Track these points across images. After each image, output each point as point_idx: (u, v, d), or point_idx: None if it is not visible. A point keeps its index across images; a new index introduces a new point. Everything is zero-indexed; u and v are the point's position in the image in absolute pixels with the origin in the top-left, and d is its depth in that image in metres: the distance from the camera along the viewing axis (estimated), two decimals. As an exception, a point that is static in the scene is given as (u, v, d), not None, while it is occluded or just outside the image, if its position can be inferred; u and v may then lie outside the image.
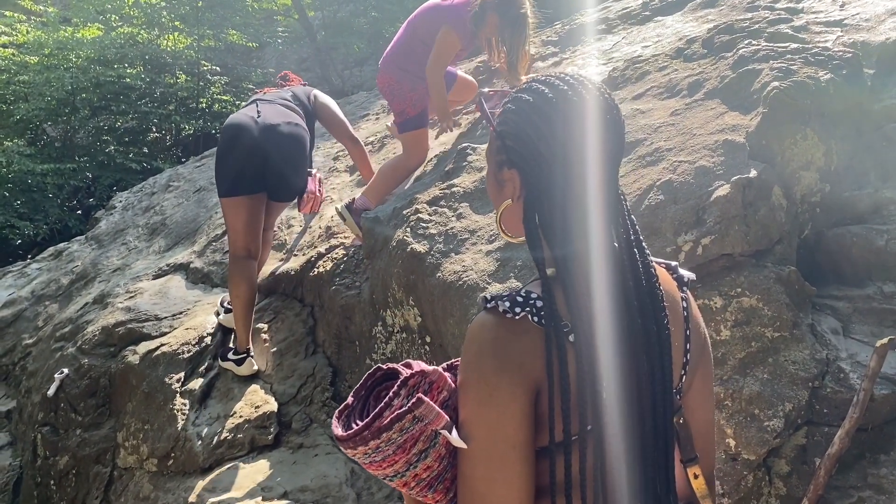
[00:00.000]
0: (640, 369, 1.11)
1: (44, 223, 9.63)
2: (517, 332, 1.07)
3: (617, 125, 1.13)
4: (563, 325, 1.07)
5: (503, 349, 1.07)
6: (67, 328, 4.64)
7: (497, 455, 1.06)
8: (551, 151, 1.11)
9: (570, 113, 1.10)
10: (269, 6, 11.30)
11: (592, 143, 1.10)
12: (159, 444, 3.51)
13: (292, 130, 3.69)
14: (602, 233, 1.12)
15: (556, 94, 1.12)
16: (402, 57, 3.80)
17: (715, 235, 2.06)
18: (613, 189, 1.14)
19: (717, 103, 2.46)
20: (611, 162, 1.13)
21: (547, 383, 1.06)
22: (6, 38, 10.64)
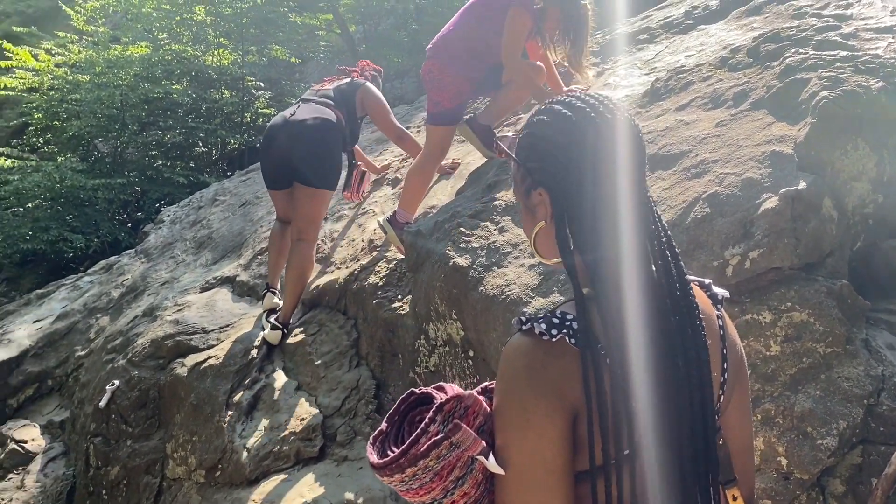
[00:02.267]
0: (679, 389, 1.10)
1: (95, 236, 9.89)
2: (554, 354, 1.06)
3: (636, 136, 1.14)
4: (600, 348, 1.06)
5: (540, 372, 1.06)
6: (118, 340, 4.75)
7: (535, 480, 1.05)
8: (574, 162, 1.12)
9: (587, 123, 1.12)
10: (312, 21, 11.46)
11: (614, 151, 1.11)
12: (207, 455, 3.57)
13: (314, 123, 4.00)
14: (634, 240, 1.11)
15: (570, 109, 1.14)
16: (455, 42, 3.67)
17: (763, 249, 2.02)
18: (642, 196, 1.14)
19: (763, 114, 2.42)
20: (635, 170, 1.13)
21: (585, 407, 1.04)
22: (60, 58, 10.98)
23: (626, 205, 1.11)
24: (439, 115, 3.75)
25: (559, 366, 1.05)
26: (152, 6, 10.58)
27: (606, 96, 1.16)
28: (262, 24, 10.75)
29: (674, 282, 1.12)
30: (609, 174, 1.11)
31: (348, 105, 4.26)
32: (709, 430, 1.13)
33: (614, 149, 1.11)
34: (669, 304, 1.11)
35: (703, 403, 1.12)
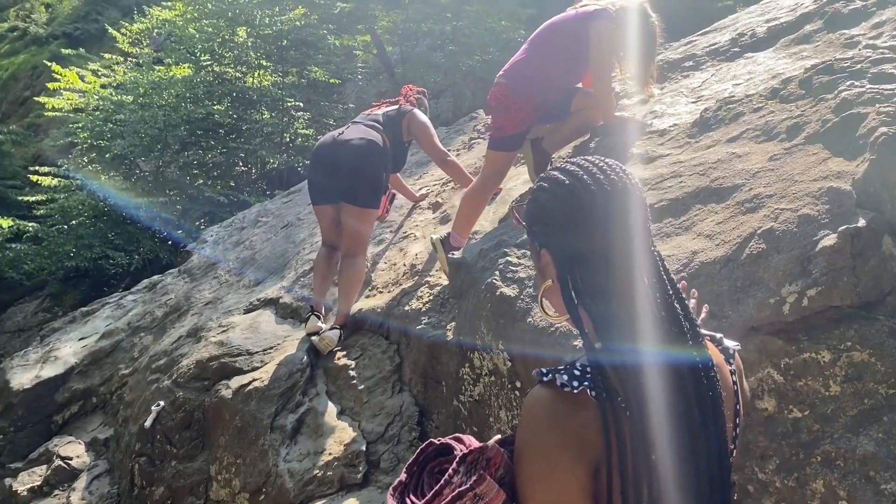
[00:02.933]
0: (696, 443, 1.12)
1: (136, 254, 10.10)
2: (576, 406, 1.09)
3: (634, 195, 1.20)
4: (621, 401, 1.09)
5: (562, 424, 1.08)
6: (163, 360, 4.83)
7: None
8: (572, 224, 1.19)
9: (582, 188, 1.19)
10: (350, 43, 11.62)
11: (611, 211, 1.17)
12: (251, 478, 3.60)
13: (360, 143, 4.15)
14: (638, 295, 1.15)
15: (567, 176, 1.22)
16: (531, 71, 3.64)
17: (822, 287, 2.00)
18: (645, 251, 1.19)
19: (819, 148, 2.39)
20: (635, 227, 1.18)
21: (605, 459, 1.06)
22: (105, 80, 11.28)
23: (625, 261, 1.17)
24: (501, 141, 3.76)
25: (581, 417, 1.08)
26: (195, 28, 10.82)
27: (605, 160, 1.23)
28: (302, 46, 10.94)
29: (686, 336, 1.17)
30: (606, 233, 1.17)
31: (395, 130, 4.36)
32: (725, 484, 1.16)
33: (611, 209, 1.17)
34: (682, 356, 1.14)
35: (719, 457, 1.15)
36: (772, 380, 2.00)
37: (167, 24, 11.44)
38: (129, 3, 18.15)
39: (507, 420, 2.85)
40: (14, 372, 5.81)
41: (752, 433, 1.98)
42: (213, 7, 10.70)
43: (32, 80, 17.67)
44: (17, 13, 21.62)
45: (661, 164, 2.93)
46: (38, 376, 5.69)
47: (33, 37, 19.88)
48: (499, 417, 2.91)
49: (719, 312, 2.13)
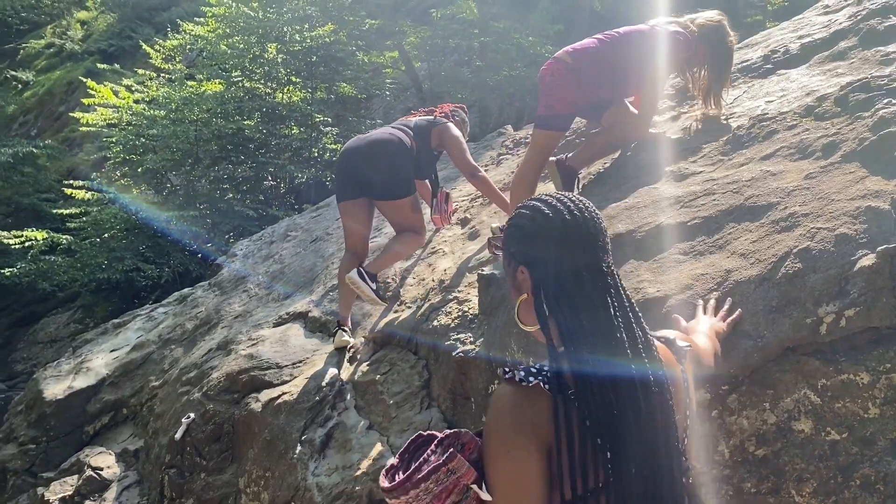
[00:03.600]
0: (644, 433, 1.30)
1: (166, 266, 10.23)
2: (531, 397, 1.29)
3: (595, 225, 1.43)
4: (571, 394, 1.28)
5: (519, 412, 1.28)
6: (193, 373, 4.88)
7: (513, 496, 1.25)
8: (545, 245, 1.42)
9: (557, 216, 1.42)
10: (378, 59, 11.72)
11: (576, 237, 1.41)
12: (280, 492, 3.61)
13: (384, 139, 4.24)
14: (597, 307, 1.37)
15: (545, 205, 1.45)
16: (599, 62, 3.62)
17: (860, 307, 1.97)
18: (603, 271, 1.41)
19: (856, 167, 2.37)
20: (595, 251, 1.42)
21: (556, 442, 1.25)
22: (138, 95, 11.48)
23: (592, 279, 1.40)
24: (549, 120, 3.71)
25: (535, 407, 1.28)
26: (226, 45, 10.99)
27: (574, 196, 1.48)
28: (331, 62, 11.06)
29: (636, 340, 1.37)
30: (576, 254, 1.41)
31: (423, 137, 4.39)
32: (675, 469, 1.34)
33: (580, 234, 1.41)
34: (632, 358, 1.34)
35: (668, 445, 1.33)
36: (808, 401, 1.97)
37: (199, 40, 11.63)
38: (163, 19, 18.52)
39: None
40: (47, 382, 5.90)
41: (789, 455, 1.96)
42: (244, 24, 10.87)
43: (68, 95, 18.04)
44: (53, 30, 22.12)
45: (693, 181, 2.92)
46: (70, 387, 5.77)
47: (69, 53, 20.32)
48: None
49: (755, 332, 2.11)
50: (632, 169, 3.41)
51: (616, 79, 3.67)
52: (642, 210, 2.91)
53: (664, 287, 2.42)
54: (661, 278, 2.48)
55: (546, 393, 1.28)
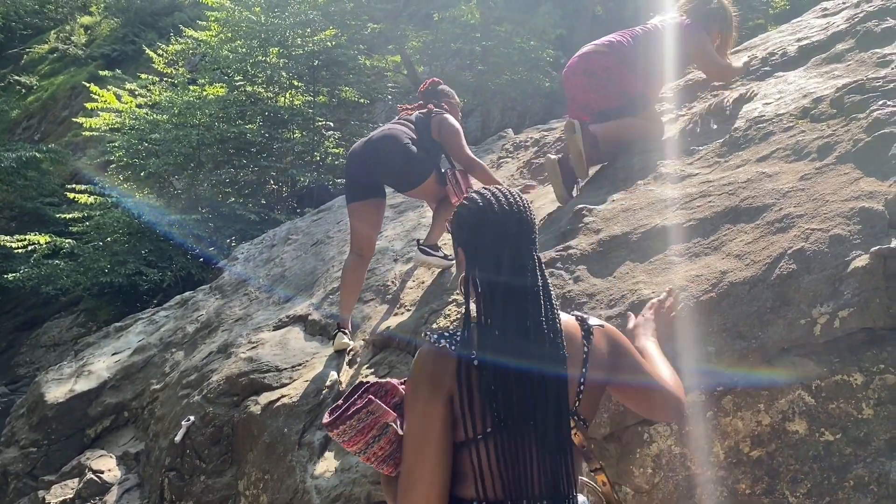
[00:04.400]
0: (535, 388, 1.57)
1: (169, 270, 10.24)
2: (440, 357, 1.60)
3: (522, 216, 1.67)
4: (472, 354, 1.57)
5: (427, 368, 1.60)
6: (193, 376, 4.89)
7: (418, 442, 1.57)
8: (475, 232, 1.67)
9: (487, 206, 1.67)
10: (380, 63, 11.74)
11: (503, 226, 1.65)
12: (279, 494, 3.62)
13: (388, 134, 4.24)
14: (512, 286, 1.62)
15: (480, 196, 1.70)
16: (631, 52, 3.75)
17: (854, 308, 1.97)
18: (525, 256, 1.65)
19: (850, 168, 2.37)
20: (518, 239, 1.65)
21: (457, 393, 1.56)
22: (141, 99, 11.52)
23: (510, 265, 1.63)
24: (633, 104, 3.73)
25: (441, 364, 1.59)
26: (229, 49, 11.02)
27: (510, 190, 1.72)
28: (333, 66, 11.08)
29: (539, 314, 1.62)
30: (496, 243, 1.65)
31: (425, 128, 4.38)
32: (562, 419, 1.60)
33: (502, 225, 1.65)
34: (533, 329, 1.60)
35: (557, 399, 1.59)
36: (803, 402, 1.98)
37: (202, 44, 11.67)
38: (166, 24, 18.57)
39: (534, 439, 2.84)
40: (49, 386, 5.92)
41: (783, 456, 1.96)
42: (247, 28, 10.90)
43: (71, 100, 18.10)
44: (57, 35, 22.20)
45: (689, 183, 2.92)
46: (71, 390, 5.78)
47: (72, 58, 20.38)
48: (526, 437, 2.91)
49: (749, 333, 2.11)
50: (628, 171, 3.41)
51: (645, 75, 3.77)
52: (638, 212, 2.91)
53: (659, 288, 2.42)
54: (656, 280, 2.49)
55: (453, 353, 1.58)
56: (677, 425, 2.12)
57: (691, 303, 2.28)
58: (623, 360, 1.77)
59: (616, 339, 1.80)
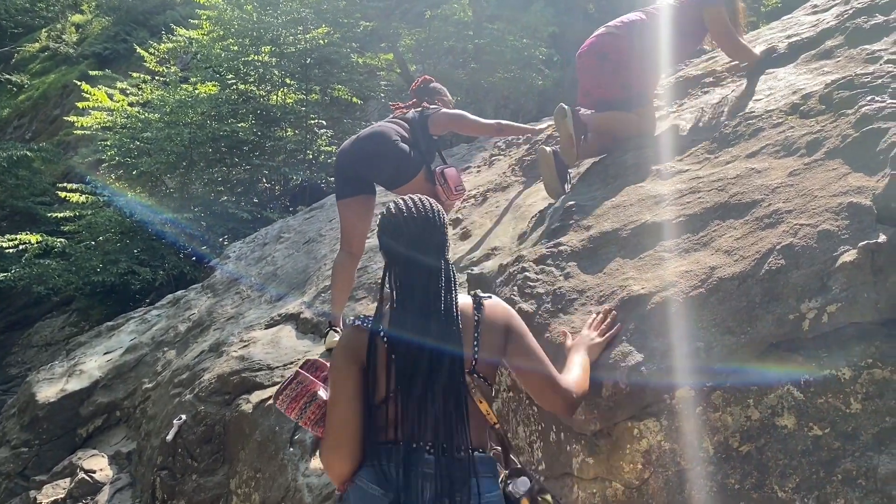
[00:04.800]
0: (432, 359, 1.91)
1: (161, 269, 10.21)
2: (356, 333, 1.99)
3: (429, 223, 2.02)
4: (381, 332, 1.96)
5: (346, 343, 2.00)
6: (185, 375, 4.88)
7: (336, 399, 1.93)
8: (385, 237, 2.04)
9: (396, 214, 2.03)
10: (373, 62, 11.72)
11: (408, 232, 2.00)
12: (270, 493, 3.61)
13: (377, 131, 4.29)
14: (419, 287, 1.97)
15: (394, 206, 2.07)
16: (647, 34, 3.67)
17: (842, 303, 1.98)
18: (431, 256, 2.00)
19: (838, 163, 2.38)
20: (422, 242, 2.00)
21: (367, 363, 1.93)
22: (133, 98, 11.48)
23: (414, 259, 1.99)
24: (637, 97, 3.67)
25: (357, 339, 1.97)
26: (221, 47, 10.99)
27: (425, 199, 2.09)
28: (325, 64, 11.06)
29: (439, 301, 1.96)
30: (406, 246, 2.00)
31: (422, 126, 4.35)
32: (454, 381, 1.92)
33: (409, 231, 2.00)
34: (434, 312, 1.95)
35: (451, 365, 1.91)
36: (791, 397, 1.98)
37: (194, 43, 11.63)
38: (158, 22, 18.50)
39: (525, 436, 2.84)
40: (40, 385, 5.90)
41: (772, 450, 1.96)
42: (239, 26, 10.87)
43: (62, 99, 18.02)
44: (48, 34, 22.10)
45: (679, 179, 2.93)
46: (63, 390, 5.77)
47: (63, 57, 20.30)
48: (517, 433, 2.91)
49: (738, 328, 2.11)
50: (618, 167, 3.41)
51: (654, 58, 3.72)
52: (628, 208, 2.91)
53: (649, 284, 2.43)
54: (645, 276, 2.49)
55: (366, 331, 1.97)
56: (666, 422, 2.12)
57: (681, 298, 2.28)
58: (512, 335, 2.08)
59: (506, 312, 2.12)
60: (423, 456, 1.87)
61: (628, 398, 2.19)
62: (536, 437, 2.74)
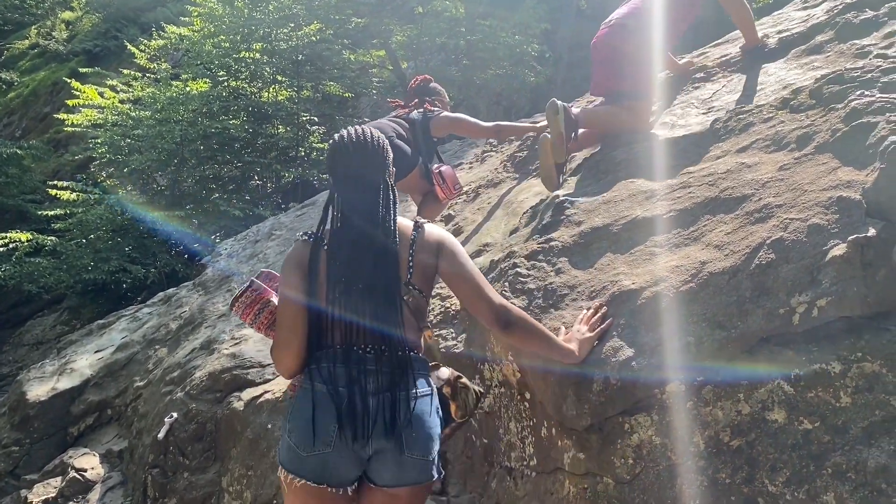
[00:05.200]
0: (370, 267, 2.11)
1: (153, 267, 10.17)
2: (302, 246, 2.20)
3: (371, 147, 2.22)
4: (324, 242, 2.17)
5: (293, 253, 2.20)
6: (176, 373, 4.86)
7: (284, 304, 2.13)
8: (328, 160, 2.26)
9: (337, 141, 2.23)
10: (365, 58, 11.69)
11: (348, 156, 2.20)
12: (262, 490, 3.60)
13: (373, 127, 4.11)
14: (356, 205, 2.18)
15: (337, 134, 2.24)
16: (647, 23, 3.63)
17: (832, 297, 1.98)
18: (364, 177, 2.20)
19: (828, 157, 2.38)
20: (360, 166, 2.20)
21: (309, 268, 2.13)
22: (123, 95, 11.42)
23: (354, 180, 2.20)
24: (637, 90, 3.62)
25: (302, 249, 2.19)
26: (212, 44, 10.94)
27: (362, 127, 2.27)
28: (317, 61, 11.03)
29: (377, 213, 2.16)
30: (347, 166, 2.20)
31: (423, 128, 4.36)
32: (391, 285, 2.12)
33: (343, 154, 2.20)
34: (371, 224, 2.15)
35: (387, 271, 2.12)
36: (782, 391, 1.98)
37: (184, 40, 11.57)
38: (148, 19, 18.41)
39: (516, 432, 2.84)
40: (31, 384, 5.87)
41: (762, 445, 1.96)
42: (230, 23, 10.82)
43: (52, 96, 17.92)
44: (38, 31, 21.97)
45: (670, 174, 2.92)
46: (54, 388, 5.74)
47: (53, 54, 20.19)
48: (508, 429, 2.90)
49: (728, 323, 2.11)
50: (609, 163, 3.41)
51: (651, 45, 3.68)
52: (619, 204, 2.91)
53: (639, 280, 2.42)
54: (636, 271, 2.49)
55: (309, 243, 2.18)
56: (657, 416, 2.12)
57: (671, 293, 2.28)
58: (444, 251, 2.21)
59: (442, 233, 2.27)
60: (363, 355, 2.05)
61: (619, 393, 2.19)
62: (528, 432, 2.73)
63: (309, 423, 1.98)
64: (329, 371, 2.03)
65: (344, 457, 1.99)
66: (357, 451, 2.00)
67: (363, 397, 2.01)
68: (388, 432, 2.00)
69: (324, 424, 1.98)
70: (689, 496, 1.99)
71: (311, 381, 2.04)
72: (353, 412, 1.99)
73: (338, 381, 2.02)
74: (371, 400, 2.01)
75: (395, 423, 2.00)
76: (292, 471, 2.01)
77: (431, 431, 2.08)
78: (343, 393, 2.00)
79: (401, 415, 2.01)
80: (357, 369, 2.03)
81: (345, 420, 1.98)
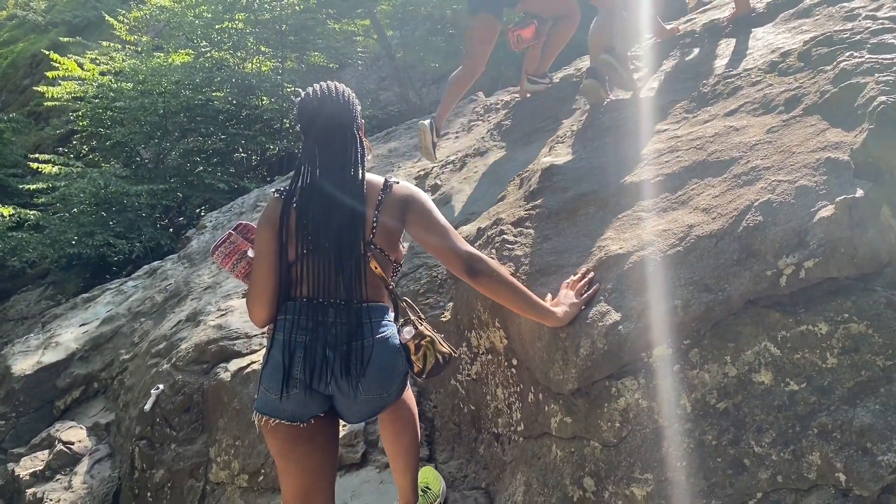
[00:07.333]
0: (337, 228, 2.21)
1: (137, 241, 10.06)
2: (273, 202, 2.31)
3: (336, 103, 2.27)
4: (294, 201, 2.26)
5: (267, 211, 2.30)
6: (162, 345, 4.83)
7: (258, 257, 2.26)
8: (301, 117, 2.29)
9: (304, 102, 2.29)
10: (350, 28, 11.53)
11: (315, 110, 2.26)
12: (250, 460, 3.60)
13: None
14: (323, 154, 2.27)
15: (304, 91, 2.32)
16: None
17: (819, 258, 1.97)
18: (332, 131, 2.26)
19: (817, 119, 2.36)
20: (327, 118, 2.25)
21: (279, 223, 2.23)
22: (104, 66, 11.22)
23: (323, 134, 2.26)
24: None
25: (274, 206, 2.29)
26: (193, 15, 10.74)
27: (330, 84, 2.32)
28: (301, 31, 10.86)
29: (347, 170, 2.25)
30: (316, 120, 2.25)
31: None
32: (355, 244, 2.21)
33: (310, 110, 2.26)
34: (339, 180, 2.23)
35: (352, 229, 2.21)
36: (769, 353, 1.98)
37: (165, 11, 11.36)
38: (128, -11, 18.05)
39: (503, 398, 2.84)
40: (15, 358, 5.82)
41: (749, 406, 1.97)
42: (211, -8, 10.63)
43: (32, 68, 17.59)
44: (16, 1, 21.53)
45: (657, 139, 2.90)
46: (39, 362, 5.70)
47: (32, 25, 19.80)
48: (496, 395, 2.90)
49: (716, 286, 2.11)
50: (596, 129, 3.38)
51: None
52: (607, 169, 2.89)
53: (627, 244, 2.41)
54: (623, 236, 2.47)
55: (281, 200, 2.28)
56: (644, 380, 2.12)
57: (658, 257, 2.27)
58: (411, 206, 2.27)
59: (410, 189, 2.32)
60: (326, 308, 2.20)
61: (606, 357, 2.18)
62: (515, 398, 2.73)
63: (277, 369, 2.19)
64: (293, 321, 2.20)
65: (309, 397, 2.21)
66: (322, 392, 2.22)
67: (322, 346, 2.17)
68: (345, 379, 2.18)
69: (289, 370, 2.18)
70: (675, 458, 2.00)
71: (279, 331, 2.22)
72: (313, 360, 2.17)
73: (301, 331, 2.19)
74: (328, 351, 2.17)
75: (350, 372, 2.17)
76: (266, 412, 2.22)
77: (391, 370, 2.26)
78: (303, 342, 2.18)
79: (355, 366, 2.17)
80: (316, 321, 2.19)
81: (305, 366, 2.17)
